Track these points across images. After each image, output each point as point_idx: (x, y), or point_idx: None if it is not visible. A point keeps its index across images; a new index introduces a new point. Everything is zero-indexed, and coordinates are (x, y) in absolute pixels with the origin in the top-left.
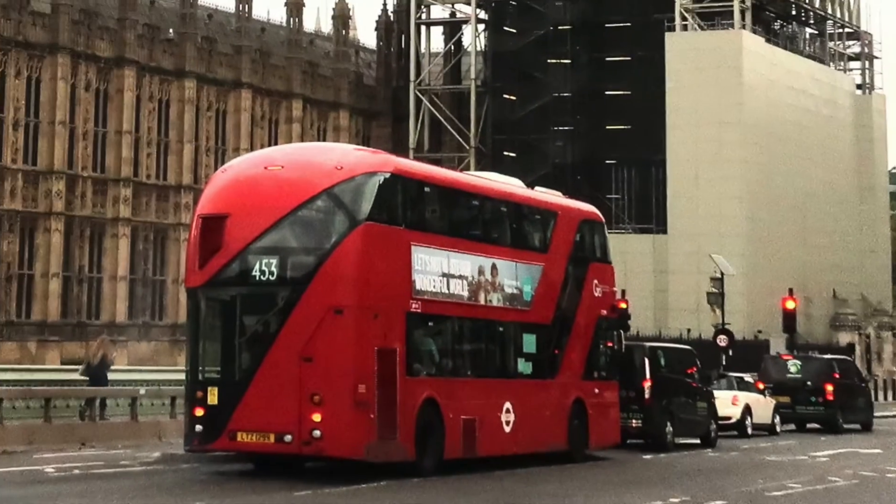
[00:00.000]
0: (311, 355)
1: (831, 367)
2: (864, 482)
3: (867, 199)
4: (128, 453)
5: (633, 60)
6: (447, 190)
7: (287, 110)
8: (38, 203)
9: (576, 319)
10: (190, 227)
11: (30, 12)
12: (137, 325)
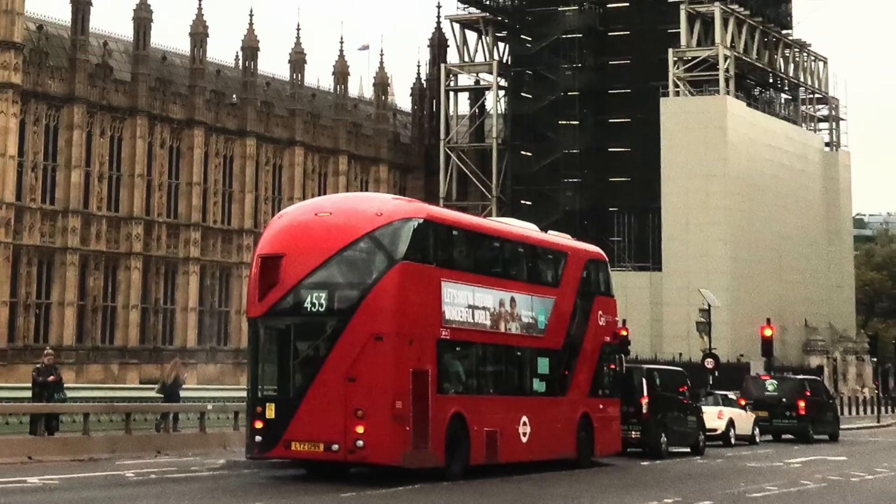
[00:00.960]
0: (355, 376)
1: (803, 386)
2: (832, 485)
3: (834, 242)
4: (197, 460)
5: (633, 122)
6: (472, 233)
7: (334, 165)
8: (120, 244)
9: (583, 345)
10: (251, 265)
11: (112, 80)
12: (205, 349)
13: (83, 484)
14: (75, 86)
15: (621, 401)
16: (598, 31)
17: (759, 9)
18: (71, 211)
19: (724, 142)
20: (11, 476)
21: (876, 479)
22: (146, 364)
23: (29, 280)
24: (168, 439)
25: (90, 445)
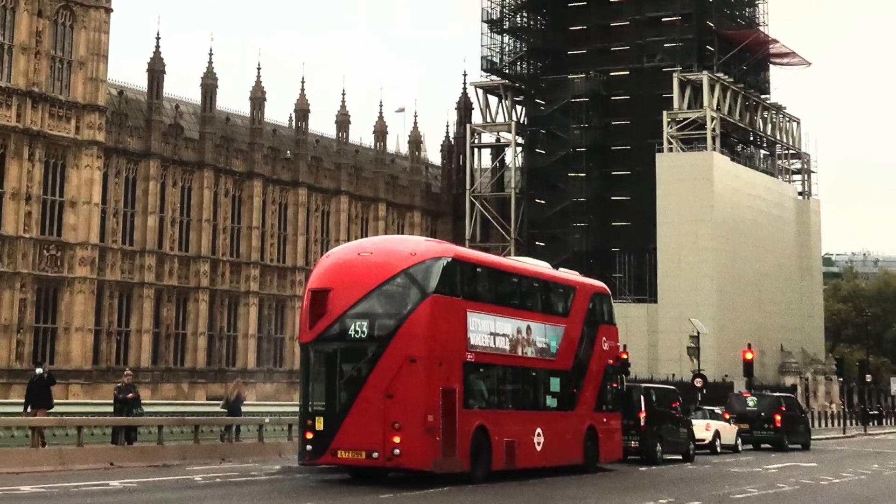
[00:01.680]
0: (392, 393)
1: (779, 402)
2: (804, 488)
3: (806, 278)
4: (256, 466)
5: (632, 174)
6: (493, 270)
7: (374, 211)
8: (190, 280)
9: (589, 366)
10: (303, 298)
11: (183, 138)
12: (263, 370)
13: (158, 487)
14: (151, 143)
15: (622, 415)
16: (602, 95)
17: (741, 77)
18: (147, 251)
19: (711, 191)
20: (96, 480)
21: (842, 483)
22: (212, 383)
23: (111, 310)
24: (231, 448)
25: (164, 453)
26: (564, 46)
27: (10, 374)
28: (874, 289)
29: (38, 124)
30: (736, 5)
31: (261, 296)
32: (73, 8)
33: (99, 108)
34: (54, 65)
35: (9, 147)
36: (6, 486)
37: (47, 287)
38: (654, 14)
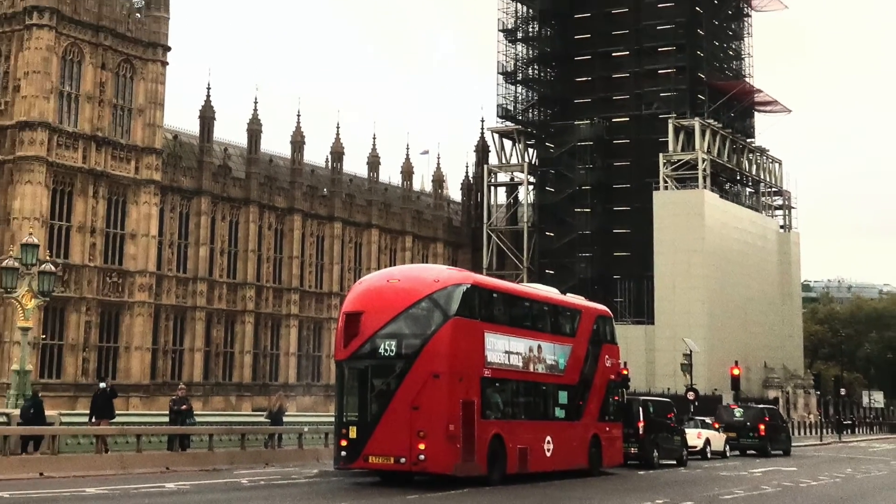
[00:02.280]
0: (418, 405)
1: (763, 413)
2: (785, 490)
3: (786, 302)
4: (296, 470)
5: (632, 210)
6: (508, 295)
7: (401, 243)
8: (237, 304)
9: (593, 381)
10: (338, 320)
11: (231, 177)
12: (302, 385)
13: (209, 489)
14: (202, 182)
15: (623, 424)
16: (604, 139)
17: (729, 122)
18: (199, 278)
19: (702, 225)
20: (153, 482)
21: (819, 485)
22: (257, 396)
23: (167, 331)
24: (274, 454)
25: (214, 459)
26: (571, 95)
27: (76, 388)
28: (847, 312)
29: (102, 165)
30: (724, 59)
31: (300, 318)
32: (132, 61)
33: (156, 150)
34: (116, 112)
35: (75, 185)
36: (73, 488)
37: (110, 310)
38: (651, 67)
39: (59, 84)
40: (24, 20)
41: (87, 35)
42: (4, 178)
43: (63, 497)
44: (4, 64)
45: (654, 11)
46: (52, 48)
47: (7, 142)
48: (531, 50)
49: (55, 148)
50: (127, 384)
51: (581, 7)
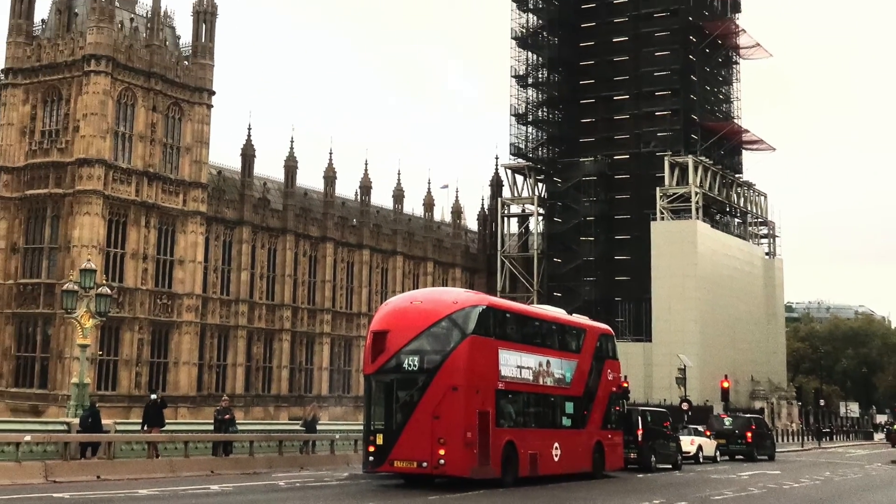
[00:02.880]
0: (438, 415)
1: (750, 421)
2: (770, 491)
3: (771, 321)
4: (328, 473)
5: (632, 238)
6: (519, 316)
7: (423, 268)
8: (275, 323)
9: (597, 393)
10: (366, 338)
11: (270, 209)
12: (334, 396)
13: (250, 490)
14: (244, 213)
15: (623, 432)
16: (607, 175)
17: (719, 159)
18: (241, 300)
19: (695, 252)
20: (199, 485)
21: (801, 487)
22: (293, 406)
23: (211, 348)
24: (308, 459)
25: (254, 463)
26: (577, 135)
27: (130, 400)
28: (826, 331)
29: (153, 198)
30: (715, 102)
31: (332, 336)
32: (181, 104)
33: (202, 185)
34: (166, 150)
35: (129, 216)
36: (127, 490)
37: (160, 329)
38: (649, 109)
39: (114, 125)
40: (82, 67)
41: (139, 80)
42: (65, 210)
43: (118, 498)
44: (65, 106)
45: (651, 59)
46: (108, 92)
47: (67, 177)
48: (541, 94)
49: (111, 182)
50: (175, 396)
51: (585, 55)
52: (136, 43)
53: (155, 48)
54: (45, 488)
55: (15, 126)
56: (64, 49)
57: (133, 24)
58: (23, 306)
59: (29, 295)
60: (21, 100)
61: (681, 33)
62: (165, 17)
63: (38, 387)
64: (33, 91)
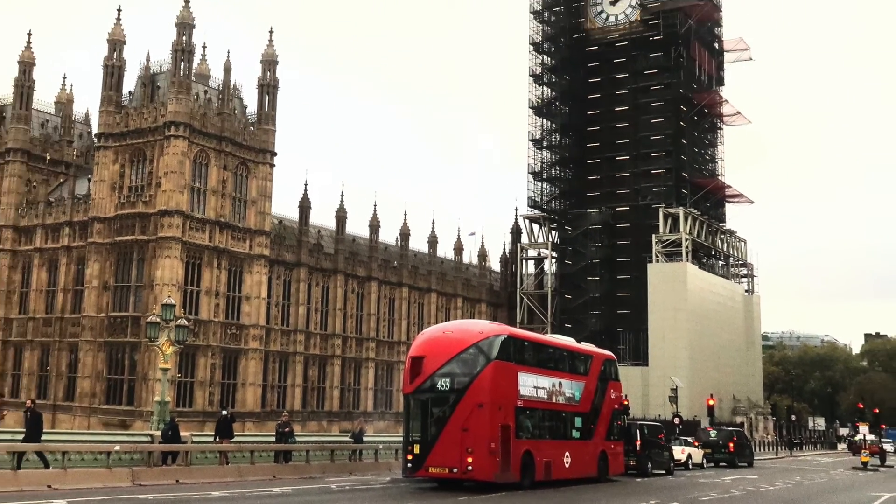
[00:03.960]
0: (467, 428)
1: (732, 434)
2: (749, 493)
3: (750, 348)
4: (373, 478)
5: (631, 278)
6: (536, 344)
7: (454, 303)
8: (327, 350)
9: (602, 410)
10: (405, 362)
11: (323, 253)
12: (378, 412)
13: (306, 492)
14: (301, 256)
15: (624, 442)
16: (610, 224)
17: (706, 211)
18: (298, 330)
19: (685, 290)
20: (263, 487)
21: (775, 489)
22: (343, 421)
23: (273, 371)
24: (356, 465)
25: (310, 469)
26: (584, 190)
27: (204, 415)
28: (797, 357)
29: (224, 243)
30: (702, 161)
31: (376, 361)
32: (247, 164)
33: (265, 232)
34: (234, 202)
35: (203, 259)
36: (202, 492)
37: (229, 355)
38: (645, 168)
39: (190, 181)
40: (164, 132)
41: (212, 143)
42: (149, 254)
43: (194, 499)
44: (149, 165)
45: (648, 125)
46: (185, 153)
47: (151, 225)
48: (554, 155)
49: (188, 230)
50: (243, 412)
51: (592, 122)
52: (209, 111)
53: (225, 116)
54: (132, 490)
55: (106, 182)
56: (148, 117)
57: (207, 95)
58: (113, 335)
59: (118, 326)
60: (111, 160)
61: (673, 103)
62: (234, 90)
63: (126, 404)
64: (122, 152)
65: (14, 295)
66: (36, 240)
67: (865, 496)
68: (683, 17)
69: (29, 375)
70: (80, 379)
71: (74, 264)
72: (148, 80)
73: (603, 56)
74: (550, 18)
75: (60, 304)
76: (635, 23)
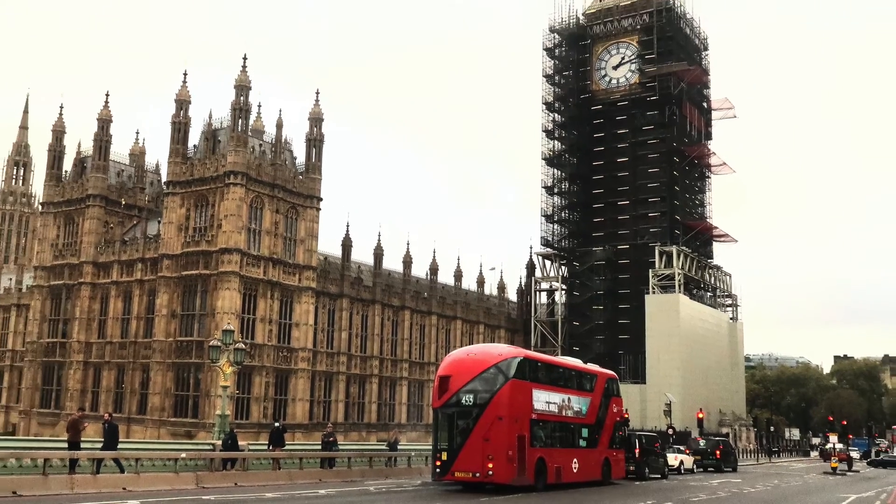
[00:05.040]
0: (488, 438)
1: (719, 443)
2: (734, 495)
3: (734, 369)
4: (406, 481)
5: (631, 307)
6: (547, 365)
7: (476, 329)
8: (366, 370)
9: (605, 422)
10: (434, 381)
11: (363, 286)
12: (411, 424)
13: (348, 494)
14: (343, 288)
15: (625, 450)
16: (612, 260)
17: (696, 249)
18: (341, 352)
19: (678, 318)
20: (311, 490)
21: (756, 491)
22: (380, 431)
23: (319, 388)
24: (391, 471)
25: (351, 474)
26: (590, 230)
27: (259, 427)
28: (775, 375)
29: (276, 277)
30: (693, 206)
31: (409, 379)
32: (296, 208)
33: (312, 267)
34: (285, 241)
35: (258, 290)
36: (257, 493)
37: (281, 374)
38: (643, 211)
39: (247, 223)
40: (224, 180)
41: (266, 190)
42: (211, 286)
43: (250, 500)
44: (211, 209)
45: (645, 174)
46: (243, 199)
47: (213, 262)
48: (563, 200)
49: (245, 266)
50: (293, 423)
51: (596, 171)
52: (263, 162)
53: (277, 166)
54: (196, 493)
55: (174, 224)
56: (210, 167)
57: (261, 147)
58: (180, 357)
59: (184, 349)
60: (178, 204)
61: (667, 155)
62: (285, 143)
63: (191, 417)
64: (187, 198)
65: (94, 322)
66: (113, 274)
67: (835, 497)
68: (676, 80)
69: (106, 392)
70: (150, 395)
71: (146, 295)
72: (210, 134)
73: (606, 114)
74: (560, 81)
75: (134, 330)
76: (634, 85)
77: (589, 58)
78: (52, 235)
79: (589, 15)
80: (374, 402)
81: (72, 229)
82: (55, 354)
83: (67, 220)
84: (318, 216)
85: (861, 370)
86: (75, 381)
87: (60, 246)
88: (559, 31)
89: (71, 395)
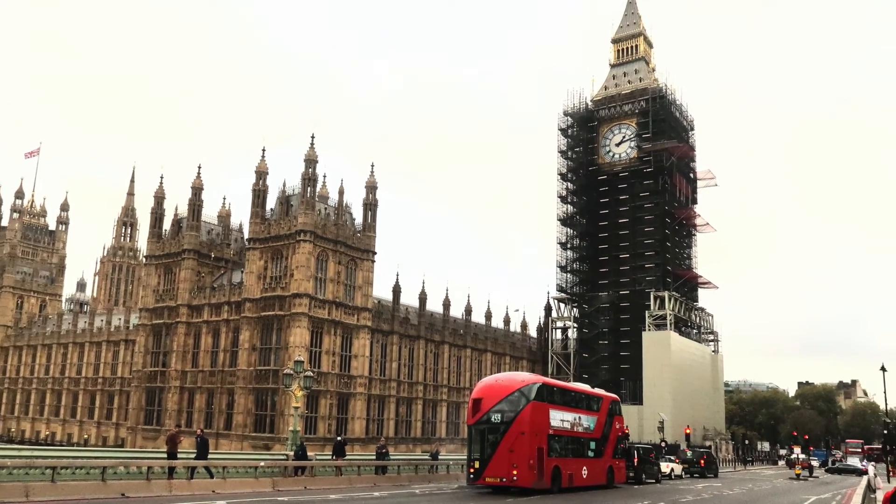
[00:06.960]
0: (513, 449)
1: (703, 453)
2: (715, 496)
3: (716, 392)
4: (446, 486)
5: (631, 342)
6: (562, 389)
7: (503, 360)
8: (413, 393)
9: (609, 436)
10: (468, 402)
11: (410, 324)
12: (449, 437)
13: (397, 495)
14: (394, 326)
15: (625, 459)
16: (615, 303)
17: (684, 293)
18: (392, 379)
19: (669, 351)
20: (366, 493)
21: (735, 494)
22: (424, 444)
23: (374, 408)
24: (434, 476)
25: (400, 479)
26: (597, 279)
27: (324, 441)
28: (749, 398)
29: (338, 317)
30: (681, 258)
31: (447, 401)
32: (355, 260)
33: (368, 309)
34: (346, 288)
35: (324, 328)
36: (323, 496)
37: (342, 397)
38: (640, 263)
39: (315, 272)
40: (295, 237)
41: (330, 245)
42: (285, 325)
43: (317, 500)
44: (284, 261)
45: (642, 233)
46: (311, 252)
47: (286, 304)
48: (575, 253)
49: (313, 308)
50: (352, 438)
51: (602, 230)
52: (328, 222)
53: (340, 225)
54: (273, 494)
55: (254, 273)
56: (284, 226)
57: (326, 210)
58: (259, 383)
59: (263, 376)
60: (258, 257)
61: (660, 217)
62: (346, 206)
63: (268, 432)
64: (265, 252)
65: (188, 354)
66: (204, 314)
67: (798, 498)
68: (668, 155)
69: (199, 412)
70: (235, 414)
71: (231, 332)
72: (284, 199)
73: (610, 182)
74: (573, 156)
75: (221, 361)
76: (633, 159)
77: (596, 136)
78: (154, 283)
79: (596, 101)
80: (419, 420)
81: (170, 278)
82: (156, 381)
83: (166, 270)
84: (372, 267)
85: (820, 394)
86: (173, 403)
87: (161, 291)
88: (572, 115)
89: (169, 415)
